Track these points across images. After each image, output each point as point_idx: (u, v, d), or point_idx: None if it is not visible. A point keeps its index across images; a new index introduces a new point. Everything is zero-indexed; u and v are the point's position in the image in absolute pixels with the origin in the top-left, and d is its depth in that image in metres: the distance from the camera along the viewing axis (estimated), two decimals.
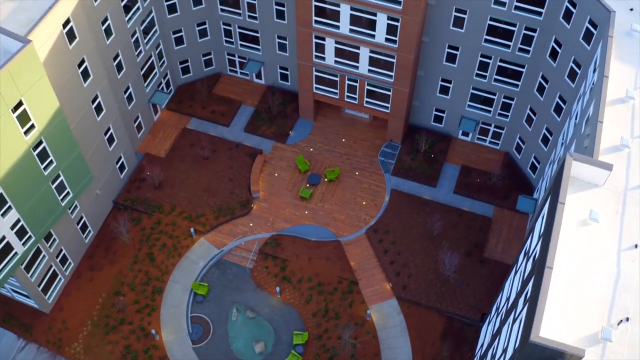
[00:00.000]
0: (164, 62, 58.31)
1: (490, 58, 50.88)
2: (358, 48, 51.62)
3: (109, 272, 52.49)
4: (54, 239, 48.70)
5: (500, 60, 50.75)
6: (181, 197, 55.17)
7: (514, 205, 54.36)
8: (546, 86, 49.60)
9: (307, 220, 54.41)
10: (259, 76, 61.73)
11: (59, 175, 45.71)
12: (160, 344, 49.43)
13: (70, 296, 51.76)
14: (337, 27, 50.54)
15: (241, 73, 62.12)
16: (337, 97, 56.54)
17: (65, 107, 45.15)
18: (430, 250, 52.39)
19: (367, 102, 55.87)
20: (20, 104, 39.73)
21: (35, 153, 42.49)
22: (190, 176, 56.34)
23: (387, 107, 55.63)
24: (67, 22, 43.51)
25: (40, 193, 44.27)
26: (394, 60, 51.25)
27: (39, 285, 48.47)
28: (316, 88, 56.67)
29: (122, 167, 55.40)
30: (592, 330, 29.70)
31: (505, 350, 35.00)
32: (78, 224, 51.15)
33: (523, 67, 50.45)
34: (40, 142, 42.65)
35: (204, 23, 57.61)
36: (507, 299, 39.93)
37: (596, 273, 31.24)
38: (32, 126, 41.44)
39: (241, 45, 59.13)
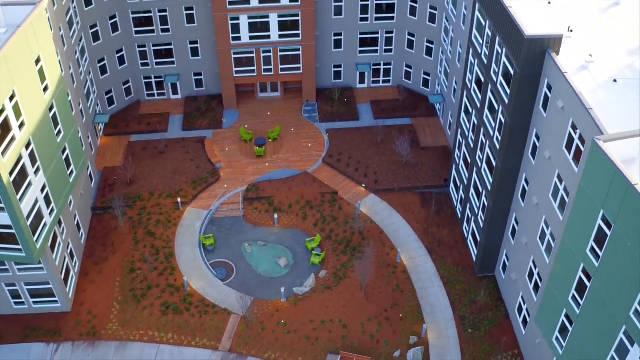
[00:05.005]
0: (95, 91, 63.86)
1: (368, 0, 64.74)
2: (268, 17, 62.63)
3: (115, 260, 54.35)
4: (63, 228, 50.53)
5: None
6: (156, 183, 59.52)
7: (425, 113, 66.84)
8: (417, 6, 64.22)
9: (271, 169, 61.63)
10: (175, 92, 69.31)
11: (65, 148, 49.06)
12: (193, 291, 52.02)
13: (85, 291, 52.51)
14: (248, 1, 61.47)
15: (158, 94, 69.25)
16: (255, 73, 66.20)
17: None
18: (382, 151, 62.20)
19: (281, 69, 66.22)
20: (39, 59, 44.35)
21: (50, 115, 46.26)
22: (156, 167, 61.08)
23: (299, 69, 66.37)
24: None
25: (56, 161, 47.30)
26: (299, 18, 62.93)
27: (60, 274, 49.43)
28: (236, 72, 65.94)
29: (90, 177, 58.63)
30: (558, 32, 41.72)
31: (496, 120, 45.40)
32: (74, 219, 53.22)
33: None
34: (52, 107, 46.63)
35: (122, 50, 64.89)
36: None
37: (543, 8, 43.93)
38: (47, 87, 45.70)
39: (157, 63, 66.95)
